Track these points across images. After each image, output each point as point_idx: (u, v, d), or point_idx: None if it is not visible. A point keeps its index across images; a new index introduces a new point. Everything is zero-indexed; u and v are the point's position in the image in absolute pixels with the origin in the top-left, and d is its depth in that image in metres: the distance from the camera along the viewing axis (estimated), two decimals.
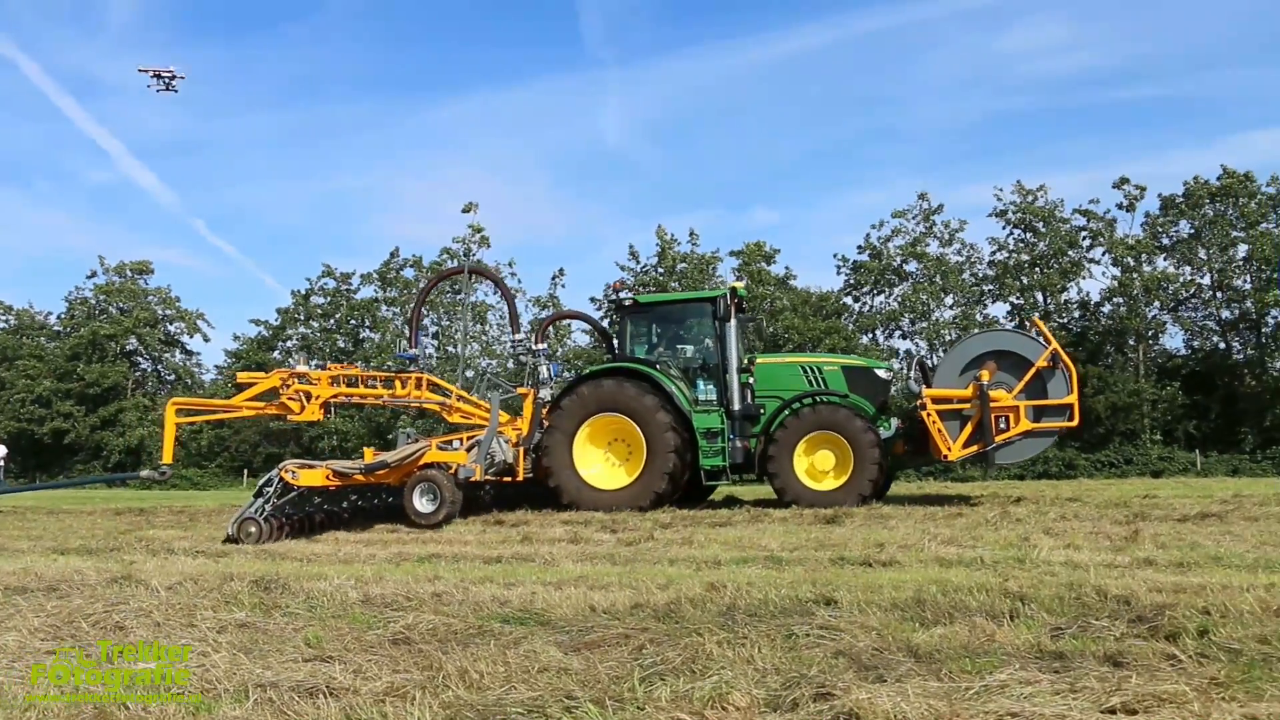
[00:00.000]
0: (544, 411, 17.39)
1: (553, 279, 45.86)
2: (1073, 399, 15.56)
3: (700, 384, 17.32)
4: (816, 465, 16.03)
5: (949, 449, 15.77)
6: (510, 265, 45.88)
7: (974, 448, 15.83)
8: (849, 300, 41.59)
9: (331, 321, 47.17)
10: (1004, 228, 40.06)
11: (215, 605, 7.19)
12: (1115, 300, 38.43)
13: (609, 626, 6.14)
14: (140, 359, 52.57)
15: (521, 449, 16.84)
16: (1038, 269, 39.01)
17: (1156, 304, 38.45)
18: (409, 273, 46.37)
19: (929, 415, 15.83)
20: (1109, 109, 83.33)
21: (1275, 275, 35.52)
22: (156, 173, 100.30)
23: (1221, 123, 78.27)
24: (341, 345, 46.72)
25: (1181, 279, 38.42)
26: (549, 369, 18.61)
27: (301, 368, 18.76)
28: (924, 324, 39.30)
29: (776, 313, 39.56)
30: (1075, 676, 4.65)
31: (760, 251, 42.34)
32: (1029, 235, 39.54)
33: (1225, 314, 38.25)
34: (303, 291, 47.78)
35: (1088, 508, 14.29)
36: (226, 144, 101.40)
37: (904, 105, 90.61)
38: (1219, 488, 20.14)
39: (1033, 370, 15.62)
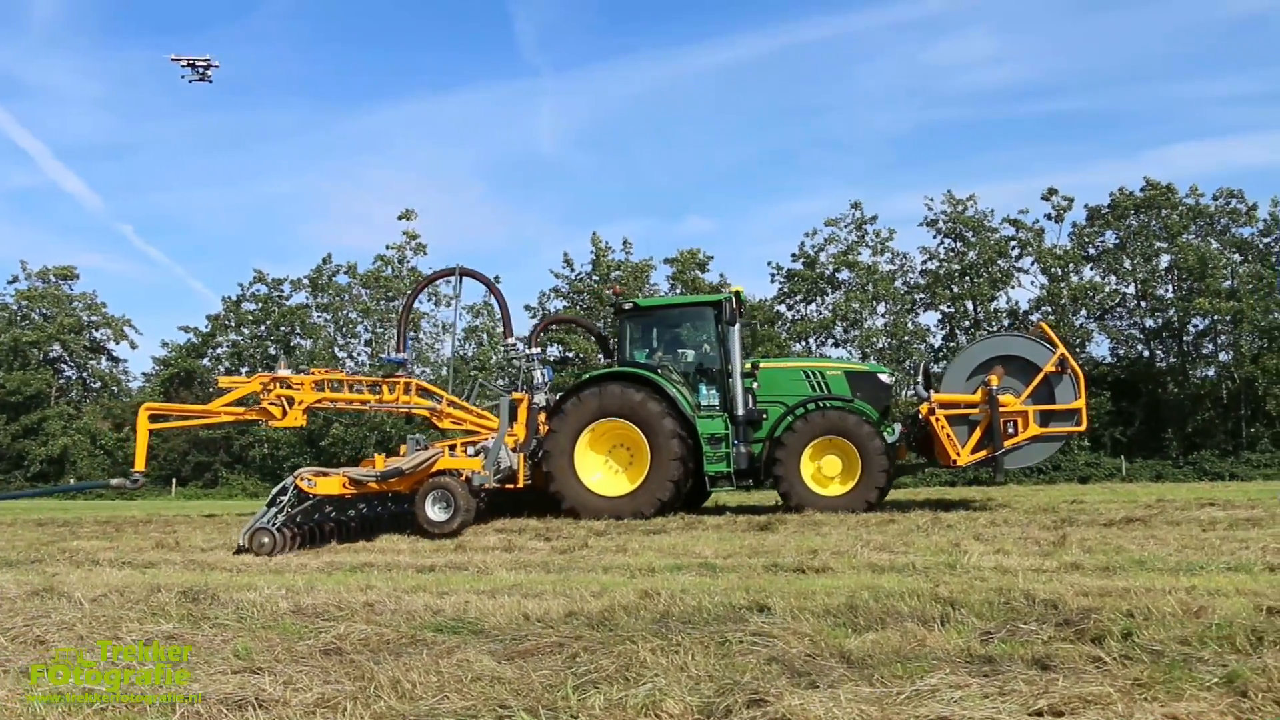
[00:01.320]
0: (541, 417, 17.10)
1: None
2: (1080, 404, 15.71)
3: (702, 389, 17.15)
4: (823, 470, 15.98)
5: (957, 454, 15.80)
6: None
7: (982, 453, 15.88)
8: (783, 308, 41.86)
9: (263, 328, 46.48)
10: (935, 237, 40.63)
11: (141, 617, 7.05)
12: (1044, 309, 39.07)
13: (543, 635, 6.12)
14: (64, 366, 51.35)
15: (521, 455, 16.49)
16: (968, 278, 39.56)
17: (1084, 312, 39.18)
18: (342, 279, 45.89)
19: (937, 420, 15.85)
20: (1037, 121, 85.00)
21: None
22: (82, 176, 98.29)
23: (1145, 136, 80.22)
24: (273, 352, 46.04)
25: (1107, 288, 39.19)
26: (543, 373, 18.26)
27: (284, 372, 18.34)
28: (856, 332, 39.67)
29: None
30: (1004, 680, 4.72)
31: (694, 259, 42.48)
32: (959, 244, 40.11)
33: (1149, 323, 39.08)
34: (233, 298, 47.06)
35: (1017, 514, 14.51)
36: (155, 148, 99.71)
37: (837, 115, 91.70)
38: (1143, 493, 20.55)
39: (1040, 375, 15.74)
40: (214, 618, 7.08)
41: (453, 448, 16.26)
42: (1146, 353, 39.52)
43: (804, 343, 40.85)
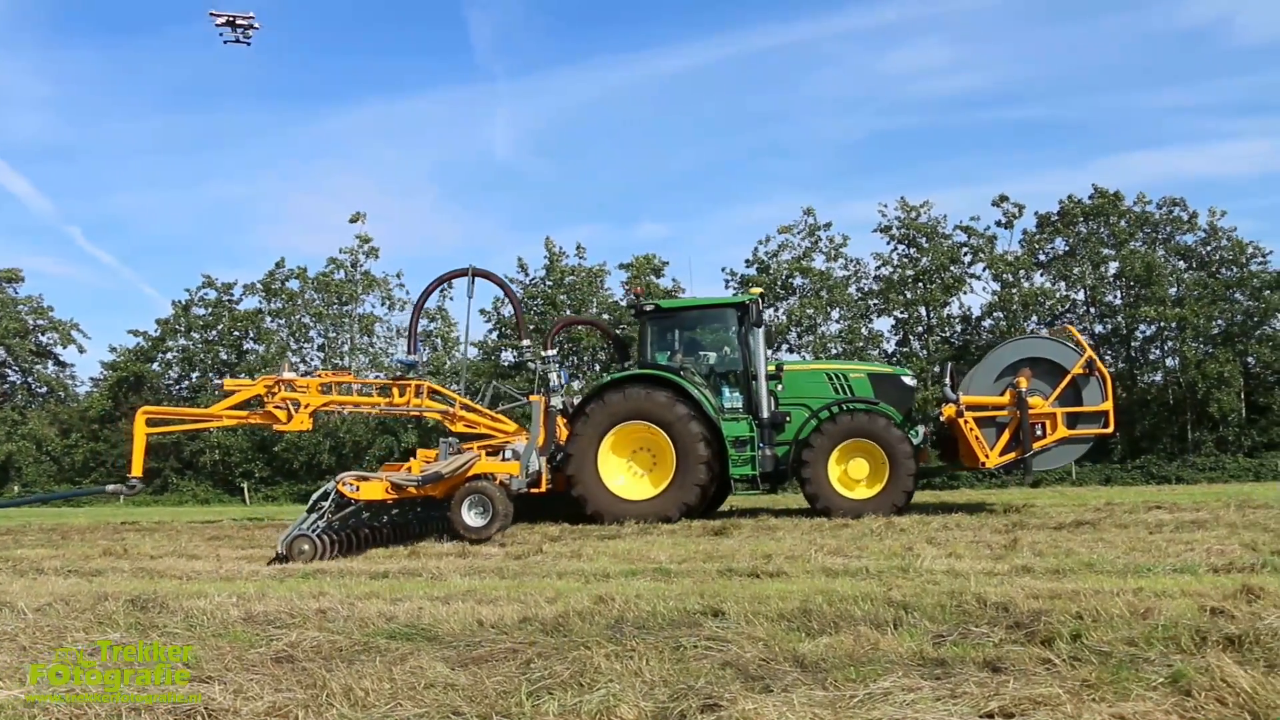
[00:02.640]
0: (559, 419, 16.89)
1: (441, 291, 45.35)
2: (1108, 406, 15.78)
3: (725, 391, 17.03)
4: (850, 473, 15.90)
5: (986, 456, 15.81)
6: (398, 276, 45.27)
7: (1011, 454, 15.90)
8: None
9: (214, 333, 45.92)
10: (888, 243, 40.93)
11: (87, 627, 6.94)
12: (995, 315, 39.48)
13: (497, 641, 6.10)
14: (9, 371, 50.46)
15: (543, 459, 16.21)
16: (921, 284, 39.90)
17: (1034, 318, 39.61)
18: (294, 284, 45.46)
19: (966, 422, 15.82)
20: (989, 129, 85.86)
21: None
22: (28, 177, 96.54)
23: (1093, 144, 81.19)
24: (224, 357, 45.52)
25: (1057, 294, 39.67)
26: (559, 375, 17.96)
27: (289, 374, 17.96)
28: (810, 337, 39.88)
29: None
30: (956, 682, 4.76)
31: (649, 264, 42.51)
32: (912, 250, 40.44)
33: (1098, 328, 39.57)
34: (183, 302, 46.45)
35: (969, 517, 14.64)
36: (105, 150, 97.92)
37: (791, 122, 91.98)
38: (1092, 496, 20.80)
39: (1068, 377, 15.81)
40: (163, 626, 6.98)
41: (489, 451, 16.00)
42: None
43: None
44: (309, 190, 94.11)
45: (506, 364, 40.87)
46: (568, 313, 39.96)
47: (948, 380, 16.68)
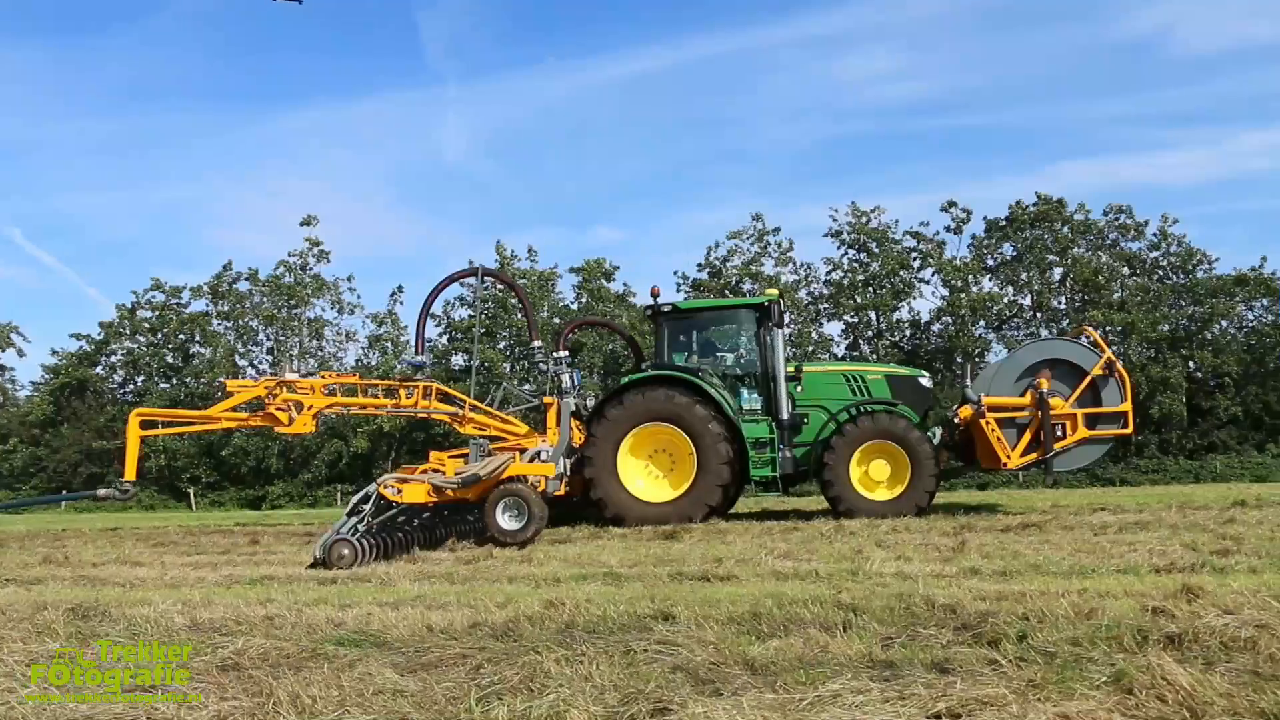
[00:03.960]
0: (574, 421, 16.73)
1: (391, 295, 45.20)
2: (1127, 407, 15.97)
3: (743, 392, 16.94)
4: (871, 475, 15.84)
5: (1008, 457, 15.88)
6: (349, 280, 45.00)
7: (1033, 455, 16.01)
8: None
9: (159, 336, 45.31)
10: (839, 248, 41.27)
11: (25, 637, 6.79)
12: (944, 319, 39.93)
13: (446, 646, 6.06)
14: None
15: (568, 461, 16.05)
16: (871, 288, 40.24)
17: (982, 323, 40.10)
18: (243, 285, 45.00)
19: (987, 423, 15.89)
20: (939, 136, 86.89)
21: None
22: None
23: (1040, 152, 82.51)
24: (170, 361, 44.94)
25: (1005, 299, 40.19)
26: (572, 377, 17.76)
27: (290, 375, 17.64)
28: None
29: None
30: (904, 684, 4.79)
31: (600, 269, 42.56)
32: (863, 255, 40.80)
33: (1044, 333, 40.12)
34: (128, 305, 45.80)
35: (918, 520, 14.74)
36: (48, 150, 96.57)
37: (743, 128, 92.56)
38: (1038, 499, 21.04)
39: (1088, 379, 15.97)
40: (105, 635, 6.86)
41: (523, 453, 15.76)
42: None
43: None
44: (259, 192, 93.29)
45: (456, 368, 40.70)
46: (519, 316, 39.90)
47: (969, 381, 16.66)
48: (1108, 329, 37.23)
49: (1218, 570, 8.53)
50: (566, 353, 18.67)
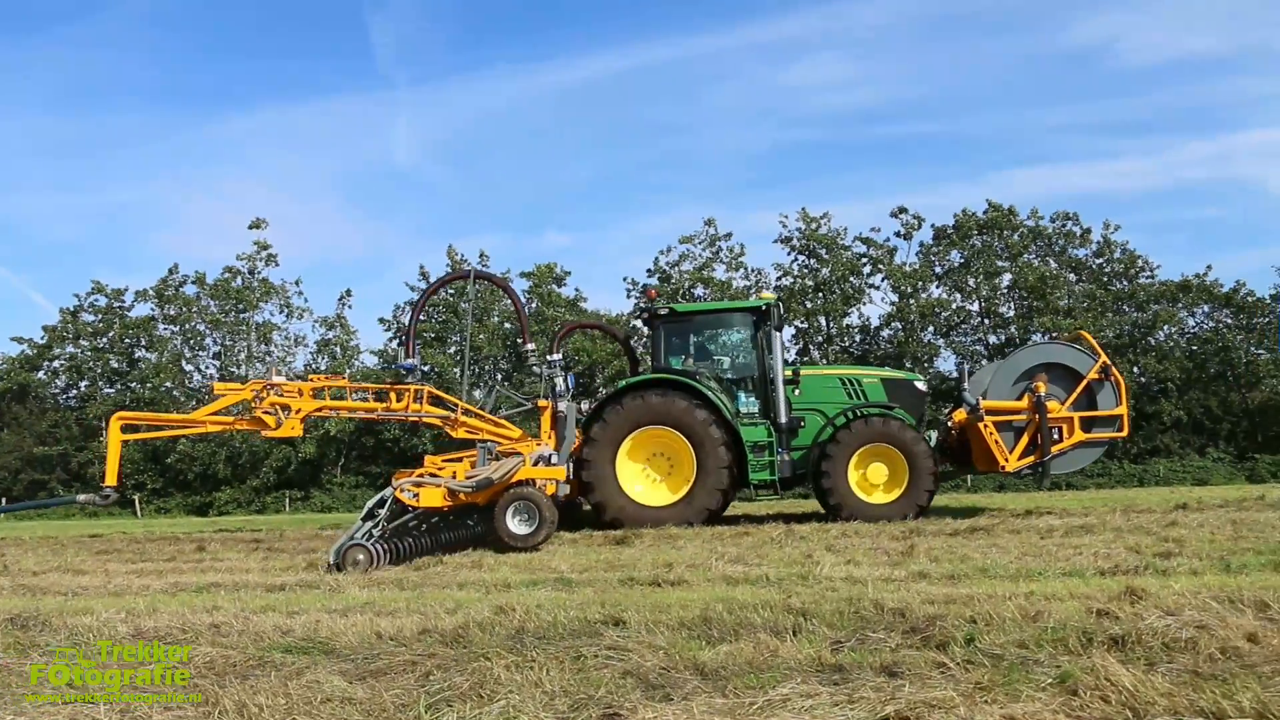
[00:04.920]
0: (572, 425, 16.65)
1: (340, 300, 44.82)
2: (1122, 410, 16.16)
3: (740, 396, 16.98)
4: (869, 478, 15.93)
5: (1005, 460, 16.01)
6: (298, 284, 44.55)
7: (1030, 458, 16.16)
8: (639, 324, 42.15)
9: (103, 340, 44.57)
10: (789, 254, 41.48)
11: None
12: (894, 325, 40.22)
13: (395, 653, 6.01)
14: None
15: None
16: (821, 294, 40.47)
17: (931, 329, 40.46)
18: (190, 289, 44.42)
19: (985, 427, 16.02)
20: (888, 143, 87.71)
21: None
22: None
23: (988, 160, 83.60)
24: (115, 365, 44.23)
25: (953, 305, 40.59)
26: (565, 380, 17.69)
27: (278, 379, 17.37)
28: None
29: (566, 335, 39.58)
30: (853, 687, 4.82)
31: (551, 273, 42.47)
32: (813, 261, 41.03)
33: (992, 339, 40.59)
34: (71, 309, 45.02)
35: (867, 525, 14.85)
36: None
37: (693, 134, 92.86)
38: (986, 502, 21.29)
39: (1083, 382, 16.13)
40: (44, 645, 6.74)
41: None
42: None
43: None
44: (206, 196, 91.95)
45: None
46: (469, 321, 39.76)
47: (966, 385, 16.85)
48: (1055, 335, 37.69)
49: (1160, 572, 8.67)
50: (559, 356, 18.68)
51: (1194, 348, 38.37)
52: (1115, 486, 32.14)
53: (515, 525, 13.40)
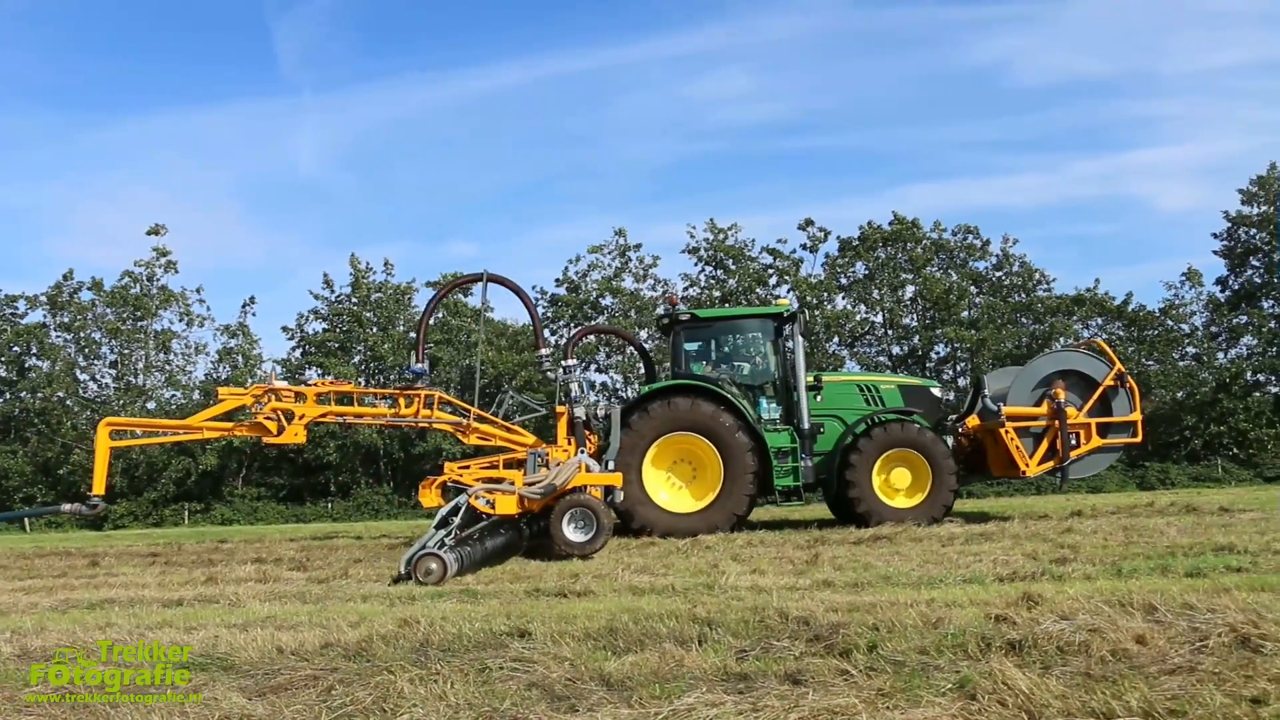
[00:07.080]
0: (586, 432, 16.41)
1: (243, 307, 43.92)
2: (1137, 416, 16.52)
3: (762, 402, 16.86)
4: (891, 483, 16.01)
5: (1026, 465, 16.25)
6: (198, 291, 43.52)
7: (1050, 463, 16.44)
8: (547, 333, 42.04)
9: None
10: (696, 264, 41.72)
11: None
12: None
13: (297, 668, 5.90)
14: None
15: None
16: (728, 304, 40.76)
17: (836, 339, 41.00)
18: (86, 295, 43.10)
19: (1007, 432, 16.23)
20: (792, 156, 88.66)
21: None
22: None
23: (891, 174, 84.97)
24: (4, 375, 42.70)
25: (858, 316, 41.20)
26: (580, 385, 17.43)
27: (279, 384, 16.74)
28: (619, 357, 40.22)
29: (470, 345, 39.36)
30: (758, 696, 4.85)
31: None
32: (720, 272, 41.32)
33: (895, 349, 41.29)
34: None
35: (773, 534, 14.99)
36: None
37: (599, 145, 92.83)
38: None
39: (1100, 389, 16.46)
40: None
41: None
42: None
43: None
44: (103, 201, 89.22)
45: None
46: (374, 330, 39.27)
47: (987, 392, 17.03)
48: (958, 346, 38.52)
49: (1056, 578, 8.90)
50: (574, 361, 18.46)
51: None
52: (1014, 495, 32.88)
53: (571, 533, 13.20)
